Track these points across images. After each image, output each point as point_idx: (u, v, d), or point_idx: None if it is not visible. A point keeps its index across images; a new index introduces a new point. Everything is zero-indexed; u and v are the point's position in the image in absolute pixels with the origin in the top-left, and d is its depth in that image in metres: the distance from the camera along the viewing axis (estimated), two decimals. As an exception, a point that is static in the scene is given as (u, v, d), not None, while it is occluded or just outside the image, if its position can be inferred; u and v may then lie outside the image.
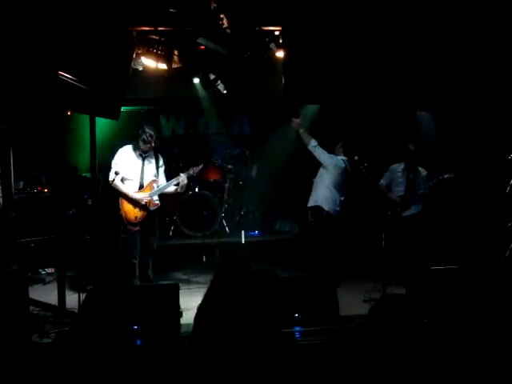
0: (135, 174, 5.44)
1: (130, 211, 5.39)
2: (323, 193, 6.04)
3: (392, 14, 5.47)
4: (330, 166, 6.01)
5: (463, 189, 6.45)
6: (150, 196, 5.45)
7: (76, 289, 5.29)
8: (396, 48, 5.60)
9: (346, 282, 5.96)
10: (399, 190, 6.17)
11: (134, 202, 5.39)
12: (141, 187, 5.45)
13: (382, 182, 6.33)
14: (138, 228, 5.42)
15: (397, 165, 6.31)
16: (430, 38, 5.53)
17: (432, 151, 6.73)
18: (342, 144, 6.23)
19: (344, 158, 6.12)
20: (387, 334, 2.47)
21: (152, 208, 5.48)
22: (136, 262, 5.45)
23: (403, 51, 5.61)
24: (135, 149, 5.42)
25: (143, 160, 5.45)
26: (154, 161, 5.55)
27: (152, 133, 5.36)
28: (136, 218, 5.40)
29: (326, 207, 6.00)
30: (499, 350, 2.86)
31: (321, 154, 5.99)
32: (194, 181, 7.84)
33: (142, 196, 5.40)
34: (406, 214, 6.09)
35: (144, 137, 5.32)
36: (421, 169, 6.22)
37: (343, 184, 6.12)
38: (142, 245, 5.49)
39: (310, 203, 6.12)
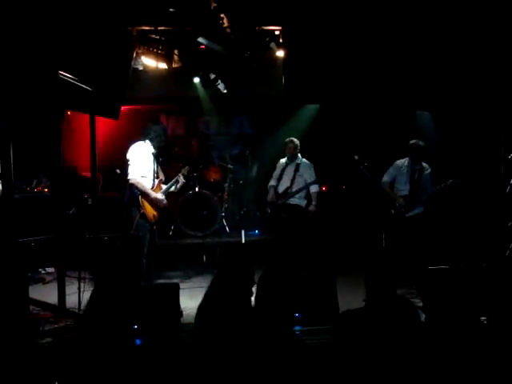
0: (149, 172, 5.44)
1: (150, 210, 5.38)
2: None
3: (392, 14, 5.46)
4: None
5: (463, 189, 6.43)
6: (162, 196, 5.49)
7: (76, 289, 5.30)
8: (396, 48, 5.60)
9: (347, 281, 5.96)
10: (403, 189, 6.03)
11: (151, 201, 5.39)
12: (152, 186, 5.46)
13: (386, 178, 6.15)
14: (154, 227, 5.44)
15: (401, 161, 6.14)
16: (429, 38, 5.53)
17: (432, 151, 6.72)
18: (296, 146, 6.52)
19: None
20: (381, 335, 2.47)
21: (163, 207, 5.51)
22: (145, 261, 5.45)
23: (403, 51, 5.60)
24: (149, 146, 5.44)
25: (154, 158, 5.47)
26: (157, 160, 5.58)
27: (163, 131, 5.53)
28: (154, 216, 5.41)
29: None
30: (501, 350, 2.86)
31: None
32: (193, 180, 7.86)
33: (161, 198, 5.42)
34: (409, 214, 5.97)
35: (158, 135, 5.42)
36: (425, 165, 6.07)
37: None
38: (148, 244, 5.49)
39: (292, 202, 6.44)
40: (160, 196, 5.42)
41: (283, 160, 6.60)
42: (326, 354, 2.72)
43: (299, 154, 6.49)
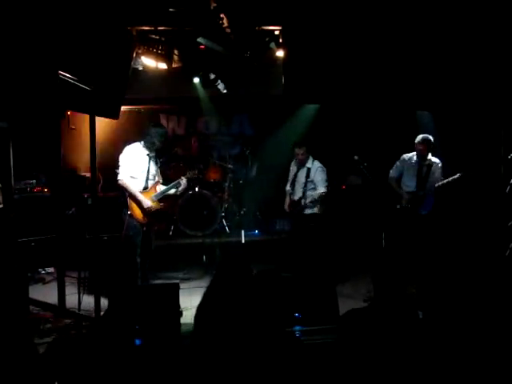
0: (141, 174, 5.44)
1: (138, 212, 5.39)
2: None
3: (392, 14, 5.46)
4: None
5: (463, 189, 6.42)
6: (156, 198, 5.47)
7: (76, 289, 5.31)
8: (396, 48, 5.59)
9: (347, 281, 5.97)
10: (409, 185, 5.90)
11: (140, 204, 5.38)
12: (145, 188, 5.45)
13: (393, 174, 6.04)
14: (144, 228, 5.44)
15: (409, 154, 6.00)
16: (429, 37, 5.52)
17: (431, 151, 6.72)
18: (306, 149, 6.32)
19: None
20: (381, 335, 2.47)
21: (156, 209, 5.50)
22: (139, 260, 5.46)
23: (403, 51, 5.60)
24: (143, 148, 5.43)
25: (149, 160, 5.46)
26: (155, 162, 5.57)
27: (162, 134, 5.51)
28: (144, 218, 5.41)
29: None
30: (500, 351, 2.86)
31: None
32: (194, 181, 7.86)
33: (150, 205, 5.41)
34: (416, 212, 5.80)
35: (156, 136, 5.42)
36: (435, 160, 5.92)
37: None
38: (142, 244, 5.49)
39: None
40: (147, 201, 5.40)
41: (294, 163, 6.47)
42: (327, 353, 2.73)
43: (310, 158, 6.32)
